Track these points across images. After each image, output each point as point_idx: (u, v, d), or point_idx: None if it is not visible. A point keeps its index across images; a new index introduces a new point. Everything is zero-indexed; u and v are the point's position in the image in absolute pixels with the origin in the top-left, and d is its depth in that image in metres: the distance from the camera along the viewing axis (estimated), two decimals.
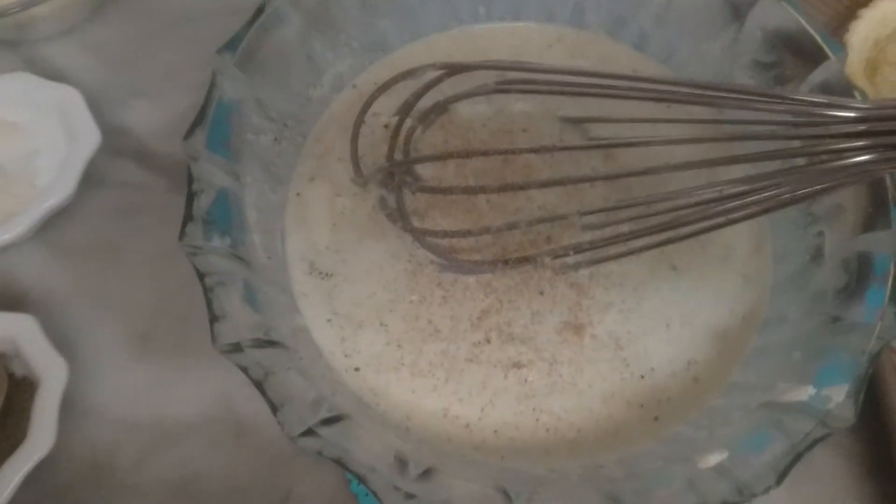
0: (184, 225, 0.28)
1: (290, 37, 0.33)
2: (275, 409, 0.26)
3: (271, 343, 0.28)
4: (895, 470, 0.35)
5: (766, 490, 0.25)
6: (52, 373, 0.33)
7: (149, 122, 0.43)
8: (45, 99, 0.39)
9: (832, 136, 0.27)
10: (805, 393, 0.27)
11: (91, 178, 0.40)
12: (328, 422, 0.27)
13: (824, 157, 0.28)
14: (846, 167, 0.27)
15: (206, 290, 0.28)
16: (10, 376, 0.34)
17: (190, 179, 0.29)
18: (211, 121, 0.30)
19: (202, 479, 0.36)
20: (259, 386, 0.26)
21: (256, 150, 0.32)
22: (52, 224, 0.39)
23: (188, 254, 0.28)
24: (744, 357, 0.32)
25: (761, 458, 0.26)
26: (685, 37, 0.37)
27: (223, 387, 0.37)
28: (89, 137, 0.38)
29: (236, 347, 0.27)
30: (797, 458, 0.25)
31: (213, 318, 0.27)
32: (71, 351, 0.36)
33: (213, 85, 0.31)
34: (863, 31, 0.43)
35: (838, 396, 0.26)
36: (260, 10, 0.32)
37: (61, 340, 0.36)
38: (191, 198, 0.29)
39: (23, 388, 0.34)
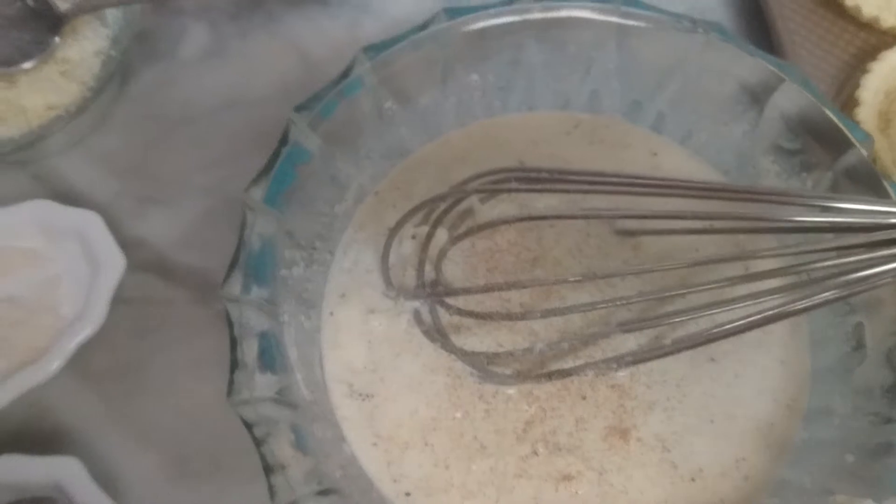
0: (231, 375, 0.28)
1: (313, 162, 0.33)
2: None
3: (327, 492, 0.28)
4: None
5: None
6: None
7: (164, 232, 0.43)
8: (64, 224, 0.39)
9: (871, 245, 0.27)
10: None
11: (114, 298, 0.39)
12: None
13: (861, 256, 0.28)
14: (884, 273, 0.27)
15: (258, 443, 0.28)
16: None
17: (230, 325, 0.29)
18: (245, 264, 0.30)
19: None
20: None
21: (290, 283, 0.32)
22: (80, 350, 0.38)
23: (235, 406, 0.28)
24: (792, 451, 0.32)
25: None
26: (703, 119, 0.37)
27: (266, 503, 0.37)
28: (114, 263, 0.38)
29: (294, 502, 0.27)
30: None
31: (269, 471, 0.27)
32: (111, 483, 0.36)
33: (244, 225, 0.30)
34: (874, 85, 0.43)
35: None
36: (284, 142, 0.32)
37: (100, 471, 0.36)
38: (234, 345, 0.29)
39: None
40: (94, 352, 0.39)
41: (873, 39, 0.46)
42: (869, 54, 0.45)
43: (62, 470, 0.34)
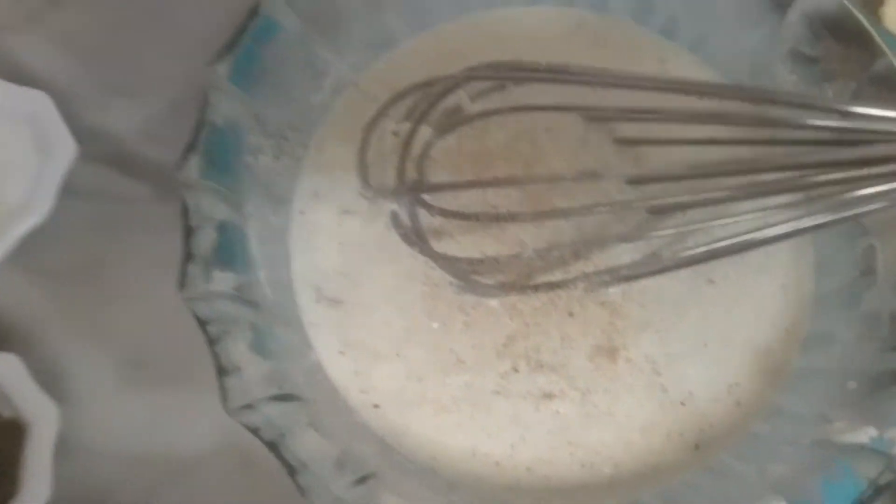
0: (182, 268, 0.26)
1: (289, 41, 0.29)
2: (293, 472, 0.24)
3: (286, 397, 0.26)
4: None
5: None
6: (42, 417, 0.31)
7: (127, 123, 0.39)
8: (11, 105, 0.35)
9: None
10: (866, 434, 0.25)
11: (67, 190, 0.36)
12: (353, 484, 0.25)
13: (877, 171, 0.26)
14: None
15: (212, 342, 0.25)
16: None
17: (185, 213, 0.26)
18: (205, 146, 0.27)
19: None
20: (273, 448, 0.24)
21: (256, 172, 0.29)
22: (27, 245, 0.35)
23: (187, 300, 0.25)
24: (789, 378, 0.30)
25: None
26: (718, 24, 0.33)
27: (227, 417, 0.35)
28: (64, 148, 0.35)
29: (248, 406, 0.24)
30: None
31: (222, 373, 0.25)
32: (59, 386, 0.34)
33: (205, 104, 0.27)
34: None
35: None
36: (253, 13, 0.28)
37: (48, 375, 0.33)
38: (188, 235, 0.26)
39: (11, 431, 0.31)
40: (45, 247, 0.36)
41: None
42: None
43: (1, 366, 0.31)
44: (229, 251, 0.27)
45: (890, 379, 0.26)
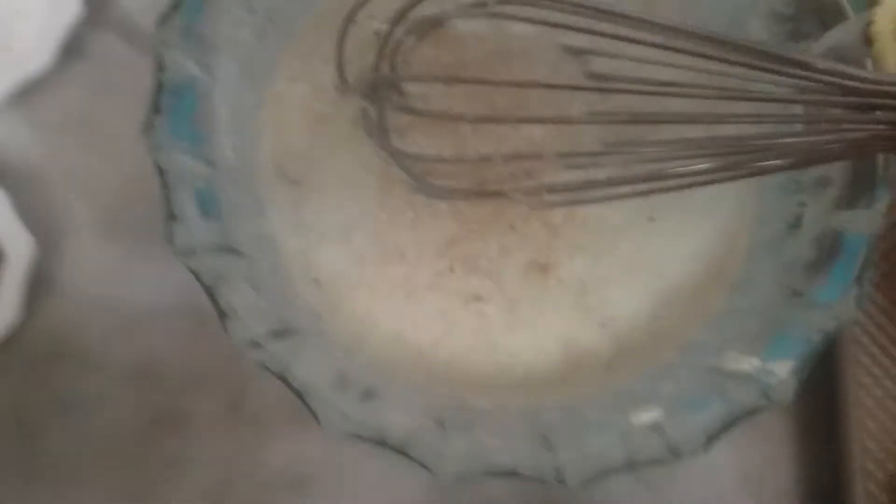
0: (148, 116, 0.28)
1: None
2: (223, 316, 0.27)
3: (228, 249, 0.28)
4: (837, 437, 0.36)
5: (695, 453, 0.25)
6: (18, 247, 0.34)
7: None
8: None
9: (832, 105, 0.26)
10: (749, 364, 0.27)
11: (72, 49, 0.38)
12: (276, 335, 0.27)
13: (823, 126, 0.27)
14: (841, 140, 0.26)
15: (166, 188, 0.27)
16: None
17: (160, 67, 0.28)
18: (187, 8, 0.28)
19: (163, 365, 0.37)
20: (209, 292, 0.27)
21: (234, 43, 0.31)
22: (28, 94, 0.38)
23: (150, 147, 0.27)
24: (708, 318, 0.32)
25: (696, 421, 0.26)
26: None
27: (189, 277, 0.37)
28: (70, 5, 0.37)
29: (191, 250, 0.27)
30: (729, 426, 0.25)
31: (171, 217, 0.27)
32: (41, 226, 0.36)
33: None
34: None
35: (782, 372, 0.26)
36: None
37: (32, 213, 0.36)
38: (158, 87, 0.28)
39: None
40: (43, 97, 0.38)
41: None
42: None
43: None
44: (194, 110, 0.29)
45: (783, 320, 0.28)
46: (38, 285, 0.36)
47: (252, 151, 0.32)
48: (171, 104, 0.28)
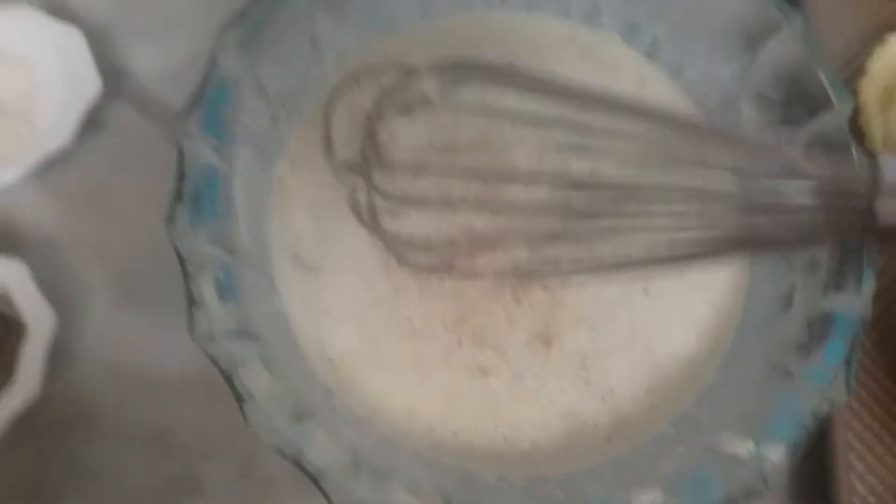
0: (172, 207, 0.29)
1: (296, 14, 0.32)
2: (240, 400, 0.28)
3: (245, 334, 0.29)
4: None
5: None
6: (40, 320, 0.35)
7: (149, 67, 0.43)
8: (48, 37, 0.39)
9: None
10: (745, 447, 0.28)
11: (89, 121, 0.40)
12: (292, 418, 0.28)
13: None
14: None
15: (187, 277, 0.28)
16: (1, 316, 0.35)
17: (181, 159, 0.30)
18: (207, 101, 0.30)
19: (177, 430, 0.38)
20: (227, 377, 0.28)
21: (251, 132, 0.32)
22: (49, 168, 0.39)
23: (172, 237, 0.29)
24: (702, 390, 0.33)
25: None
26: (698, 56, 0.36)
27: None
28: (89, 84, 0.38)
29: (210, 337, 0.28)
30: None
31: (192, 304, 0.28)
32: (60, 295, 0.37)
33: (212, 64, 0.30)
34: (885, 58, 0.42)
35: (775, 457, 0.27)
36: None
37: (51, 284, 0.37)
38: (181, 177, 0.29)
39: (13, 329, 0.35)
40: (65, 170, 0.40)
41: None
42: (891, 27, 0.43)
43: (8, 270, 0.35)
44: (215, 198, 0.30)
45: (776, 401, 0.29)
46: (57, 354, 0.37)
47: (265, 236, 0.33)
48: (192, 193, 0.29)
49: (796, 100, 0.32)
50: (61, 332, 0.37)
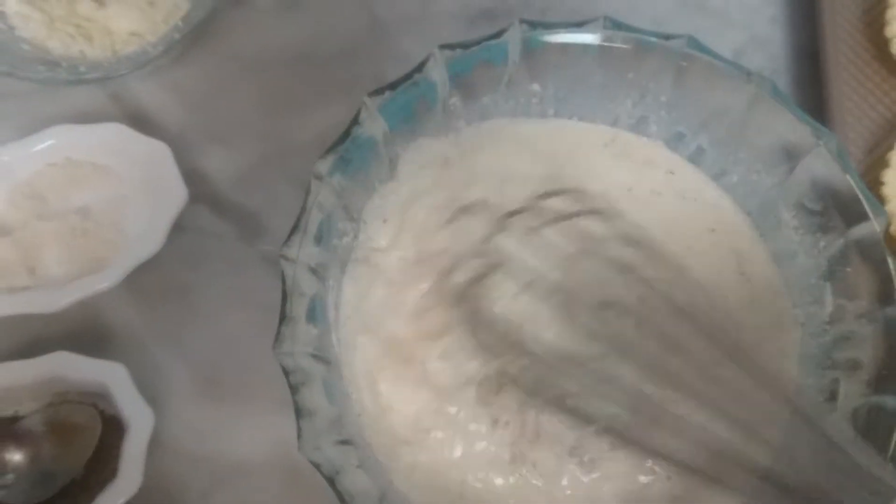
0: (278, 328, 0.32)
1: (377, 144, 0.36)
2: (343, 502, 0.31)
3: (344, 441, 0.32)
4: None
5: None
6: (139, 418, 0.37)
7: (222, 170, 0.46)
8: (137, 150, 0.42)
9: None
10: None
11: (175, 226, 0.43)
12: None
13: None
14: None
15: (293, 390, 0.31)
16: (101, 414, 0.38)
17: (284, 281, 0.33)
18: (306, 229, 0.33)
19: None
20: (331, 482, 0.31)
21: (339, 251, 0.35)
22: (138, 272, 0.42)
23: (277, 354, 0.32)
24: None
25: None
26: (739, 163, 0.39)
27: (281, 433, 0.41)
28: (177, 193, 0.41)
29: (316, 447, 0.31)
30: None
31: (300, 415, 0.31)
32: (149, 390, 0.40)
33: (309, 193, 0.33)
34: None
35: None
36: (355, 122, 0.35)
37: (142, 380, 0.40)
38: (285, 300, 0.32)
39: (112, 427, 0.38)
40: (148, 271, 0.43)
41: None
42: None
43: (109, 373, 0.38)
44: (314, 317, 0.33)
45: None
46: (151, 446, 0.40)
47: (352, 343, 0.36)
48: (295, 316, 0.32)
49: (833, 211, 0.36)
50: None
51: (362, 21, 0.51)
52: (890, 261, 0.34)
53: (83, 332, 0.42)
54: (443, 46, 0.36)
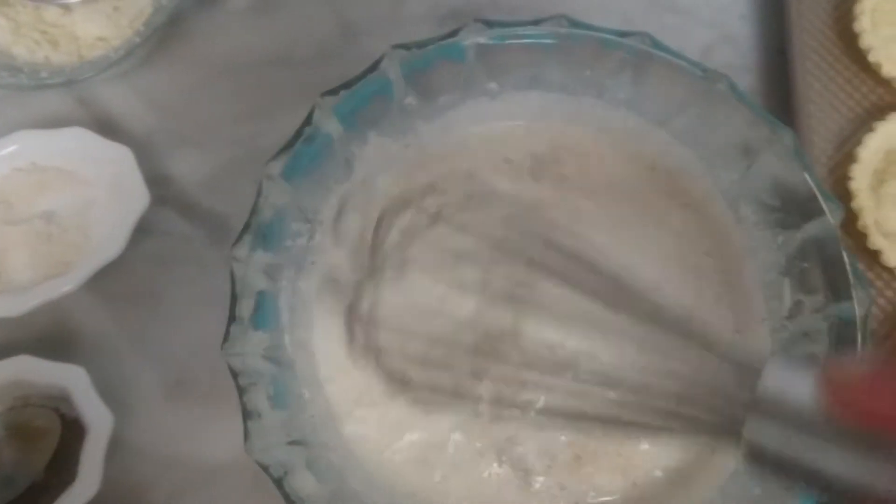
0: (227, 328, 0.32)
1: (332, 145, 0.36)
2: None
3: (293, 443, 0.32)
4: None
5: None
6: (99, 422, 0.37)
7: (190, 173, 0.46)
8: (101, 154, 0.42)
9: None
10: None
11: (136, 226, 0.43)
12: None
13: None
14: None
15: (241, 391, 0.31)
16: (62, 418, 0.38)
17: (233, 282, 0.33)
18: (256, 229, 0.33)
19: None
20: (278, 484, 0.30)
21: (293, 252, 0.35)
22: (99, 272, 0.42)
23: (225, 355, 0.32)
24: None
25: None
26: (701, 160, 0.39)
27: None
28: (140, 197, 0.41)
29: (263, 448, 0.31)
30: None
31: (247, 417, 0.31)
32: (114, 394, 0.40)
33: (259, 193, 0.34)
34: (875, 144, 0.45)
35: None
36: (307, 122, 0.35)
37: (105, 383, 0.40)
38: (234, 300, 0.32)
39: (73, 430, 0.38)
40: (113, 275, 0.43)
41: (888, 98, 0.47)
42: (880, 112, 0.46)
43: (69, 376, 0.38)
44: (264, 317, 0.33)
45: None
46: (113, 447, 0.40)
47: (309, 343, 0.36)
48: (245, 315, 0.32)
49: (791, 206, 0.35)
50: (116, 427, 0.40)
51: (332, 24, 0.51)
52: (845, 255, 0.33)
53: (48, 336, 0.42)
54: (397, 46, 0.36)
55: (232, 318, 0.32)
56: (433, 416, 0.35)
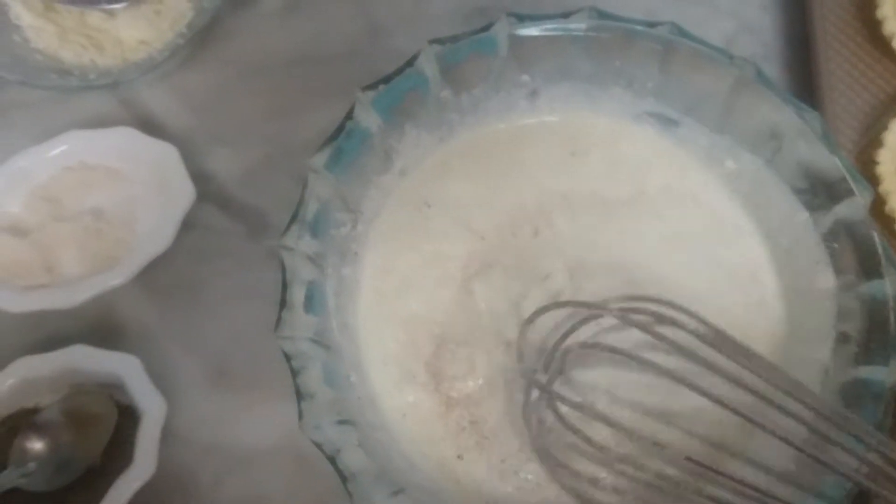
0: (279, 314, 0.33)
1: (372, 138, 0.37)
2: (344, 480, 0.32)
3: (344, 422, 0.33)
4: None
5: None
6: (153, 407, 0.39)
7: (228, 169, 0.47)
8: (146, 152, 0.44)
9: None
10: None
11: (183, 224, 0.45)
12: (390, 494, 0.32)
13: None
14: None
15: (294, 373, 0.33)
16: (117, 404, 0.40)
17: (283, 271, 0.34)
18: (303, 220, 0.35)
19: (268, 500, 0.42)
20: (332, 461, 0.32)
21: (337, 241, 0.37)
22: (147, 266, 0.44)
23: (278, 339, 0.33)
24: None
25: None
26: (735, 146, 0.40)
27: (289, 421, 0.42)
28: (185, 192, 0.43)
29: (316, 426, 0.32)
30: None
31: (300, 398, 0.33)
32: (162, 382, 0.42)
33: (306, 186, 0.35)
34: None
35: None
36: (349, 116, 0.36)
37: (152, 372, 0.42)
38: (285, 288, 0.34)
39: (127, 416, 0.40)
40: (159, 267, 0.44)
41: None
42: None
43: (123, 364, 0.40)
44: (313, 303, 0.34)
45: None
46: (163, 433, 0.41)
47: (354, 325, 0.37)
48: (295, 301, 0.33)
49: (819, 189, 0.36)
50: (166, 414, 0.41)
51: (360, 23, 0.52)
52: (875, 235, 0.34)
53: (98, 326, 0.43)
54: (433, 41, 0.38)
55: (283, 303, 0.34)
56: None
